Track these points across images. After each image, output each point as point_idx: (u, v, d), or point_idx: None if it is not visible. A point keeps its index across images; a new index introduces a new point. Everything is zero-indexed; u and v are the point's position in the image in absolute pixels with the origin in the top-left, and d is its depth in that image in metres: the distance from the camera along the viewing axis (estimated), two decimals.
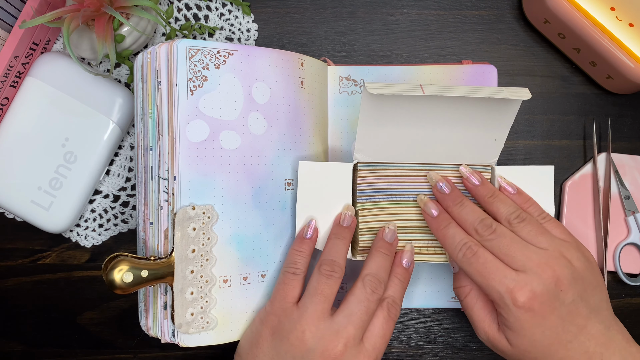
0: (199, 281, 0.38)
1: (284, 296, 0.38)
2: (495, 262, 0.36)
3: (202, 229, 0.38)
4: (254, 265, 0.40)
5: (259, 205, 0.40)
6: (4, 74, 0.44)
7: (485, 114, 0.38)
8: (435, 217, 0.38)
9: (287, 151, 0.42)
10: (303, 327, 0.36)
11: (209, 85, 0.38)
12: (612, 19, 0.45)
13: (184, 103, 0.37)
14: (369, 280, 0.37)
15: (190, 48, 0.38)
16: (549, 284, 0.35)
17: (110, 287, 0.35)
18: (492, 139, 0.40)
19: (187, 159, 0.37)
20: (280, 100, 0.41)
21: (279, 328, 0.37)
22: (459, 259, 0.37)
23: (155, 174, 0.38)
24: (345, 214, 0.40)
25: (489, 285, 0.35)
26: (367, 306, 0.37)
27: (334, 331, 0.36)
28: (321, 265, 0.38)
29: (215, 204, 0.38)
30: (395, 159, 0.41)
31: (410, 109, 0.38)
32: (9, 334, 0.50)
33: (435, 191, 0.40)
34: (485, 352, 0.50)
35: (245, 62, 0.40)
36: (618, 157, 0.49)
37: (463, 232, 0.37)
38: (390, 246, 0.40)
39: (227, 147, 0.39)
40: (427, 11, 0.51)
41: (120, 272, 0.35)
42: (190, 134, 0.37)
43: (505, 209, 0.38)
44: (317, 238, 0.40)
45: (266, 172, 0.41)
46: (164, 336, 0.38)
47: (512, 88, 0.36)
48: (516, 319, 0.35)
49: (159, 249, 0.38)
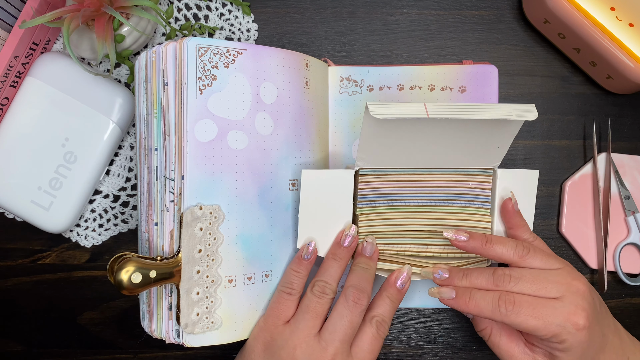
0: (204, 281, 0.38)
1: (277, 315, 0.39)
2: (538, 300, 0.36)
3: (209, 229, 0.38)
4: (259, 265, 0.40)
5: (264, 206, 0.40)
6: (4, 74, 0.44)
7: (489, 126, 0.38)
8: (456, 298, 0.37)
9: (292, 152, 0.42)
10: (294, 343, 0.37)
11: (217, 85, 0.38)
12: (612, 19, 0.45)
13: (193, 102, 0.37)
14: (350, 293, 0.38)
15: (200, 46, 0.37)
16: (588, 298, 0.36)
17: (118, 288, 0.35)
18: (495, 146, 0.40)
19: (194, 158, 0.37)
20: (287, 101, 0.41)
21: (271, 344, 0.38)
22: (503, 315, 0.36)
23: (161, 174, 0.38)
24: (347, 234, 0.40)
25: (548, 322, 0.35)
26: (350, 320, 0.38)
27: (322, 348, 0.37)
28: (314, 285, 0.39)
29: (221, 204, 0.38)
30: (397, 165, 0.41)
31: (414, 128, 0.37)
32: (9, 334, 0.50)
33: (437, 282, 0.39)
34: (486, 352, 0.50)
35: (254, 61, 0.39)
36: (618, 157, 0.49)
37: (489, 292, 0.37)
38: (370, 260, 0.40)
39: (234, 147, 0.39)
40: (427, 11, 0.51)
41: (127, 273, 0.35)
42: (198, 134, 0.37)
43: (506, 249, 0.38)
44: (315, 259, 0.41)
45: (272, 173, 0.41)
46: (168, 337, 0.38)
47: (518, 106, 0.36)
48: (577, 341, 0.35)
49: (165, 249, 0.38)
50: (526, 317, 0.35)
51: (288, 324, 0.39)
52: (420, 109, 0.35)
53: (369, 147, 0.39)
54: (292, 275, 0.40)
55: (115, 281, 0.35)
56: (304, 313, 0.38)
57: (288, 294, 0.39)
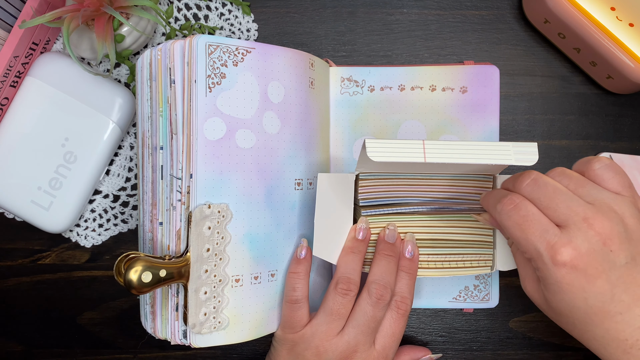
0: (212, 281, 0.38)
1: (292, 326, 0.39)
2: (538, 216, 0.32)
3: (217, 228, 0.38)
4: (265, 264, 0.40)
5: (271, 205, 0.40)
6: (4, 74, 0.44)
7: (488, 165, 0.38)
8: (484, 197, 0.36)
9: (298, 151, 0.42)
10: (317, 343, 0.38)
11: (226, 83, 0.38)
12: (612, 19, 0.45)
13: (202, 100, 0.37)
14: (374, 289, 0.38)
15: (210, 44, 0.37)
16: (595, 242, 0.30)
17: (128, 288, 0.34)
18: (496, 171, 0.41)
19: (203, 157, 0.37)
20: (294, 100, 0.41)
21: (294, 348, 0.39)
22: (498, 211, 0.33)
23: (167, 173, 0.38)
24: (361, 227, 0.40)
25: (527, 239, 0.31)
26: (372, 315, 0.38)
27: (345, 342, 0.38)
28: (337, 283, 0.39)
29: (229, 203, 0.38)
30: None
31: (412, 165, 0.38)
32: (9, 334, 0.50)
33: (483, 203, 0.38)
34: (486, 352, 0.50)
35: (262, 60, 0.39)
36: (618, 157, 0.49)
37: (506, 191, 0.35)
38: (393, 247, 0.40)
39: (242, 145, 0.39)
40: (427, 11, 0.51)
41: (137, 272, 0.34)
42: (207, 132, 0.37)
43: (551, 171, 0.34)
44: (311, 256, 0.41)
45: (278, 172, 0.41)
46: (174, 338, 0.38)
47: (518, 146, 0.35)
48: (555, 280, 0.31)
49: (171, 248, 0.38)
50: (514, 224, 0.32)
51: (309, 325, 0.39)
52: (419, 150, 0.34)
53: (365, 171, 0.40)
54: (294, 278, 0.40)
55: (124, 281, 0.34)
56: (326, 315, 0.38)
57: (294, 303, 0.39)
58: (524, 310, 0.50)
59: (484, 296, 0.47)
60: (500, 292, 0.48)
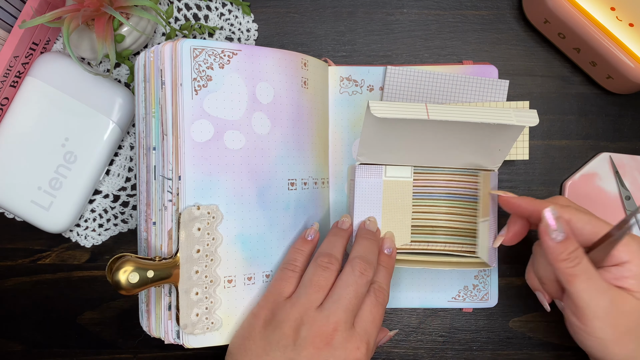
0: (203, 281, 0.38)
1: (279, 291, 0.38)
2: None
3: (207, 229, 0.38)
4: (258, 265, 0.40)
5: (263, 205, 0.40)
6: (4, 74, 0.44)
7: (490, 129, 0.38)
8: None
9: (290, 151, 0.42)
10: (295, 315, 0.36)
11: (213, 85, 0.38)
12: (612, 19, 0.45)
13: (189, 103, 0.37)
14: (357, 263, 0.38)
15: (194, 48, 0.37)
16: None
17: (116, 288, 0.35)
18: (496, 149, 0.40)
19: (191, 158, 0.37)
20: (284, 100, 0.41)
21: (271, 319, 0.37)
22: None
23: (159, 174, 0.38)
24: (344, 220, 0.42)
25: None
26: (355, 290, 0.37)
27: (324, 317, 0.36)
28: (318, 257, 0.39)
29: (219, 204, 0.38)
30: (398, 162, 0.41)
31: (415, 127, 0.37)
32: (9, 334, 0.50)
33: None
34: (485, 352, 0.50)
35: (249, 62, 0.40)
36: (618, 157, 0.49)
37: None
38: (374, 234, 0.41)
39: (231, 147, 0.39)
40: (427, 11, 0.51)
41: (125, 273, 0.35)
42: (195, 134, 0.37)
43: None
44: (317, 241, 0.41)
45: (270, 172, 0.41)
46: (167, 337, 0.38)
47: (519, 111, 0.36)
48: None
49: (163, 249, 0.38)
50: None
51: (289, 299, 0.38)
52: (422, 110, 0.35)
53: (370, 144, 0.39)
54: (297, 252, 0.40)
55: (112, 281, 0.35)
56: (306, 287, 0.37)
57: (292, 270, 0.39)
58: (523, 310, 0.50)
59: (483, 296, 0.47)
60: (499, 292, 0.48)
